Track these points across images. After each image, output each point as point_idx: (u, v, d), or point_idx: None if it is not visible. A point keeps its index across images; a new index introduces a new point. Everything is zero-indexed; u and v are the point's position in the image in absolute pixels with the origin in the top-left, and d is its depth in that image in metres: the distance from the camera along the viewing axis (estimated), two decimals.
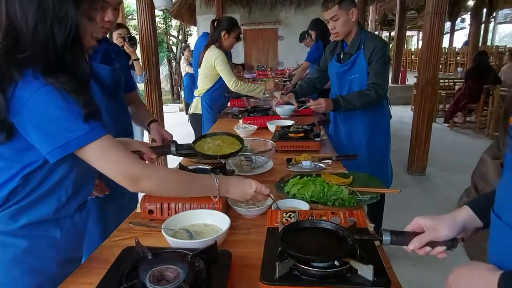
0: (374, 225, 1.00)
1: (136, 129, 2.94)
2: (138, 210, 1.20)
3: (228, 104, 3.54)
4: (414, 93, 7.61)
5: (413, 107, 7.91)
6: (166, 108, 4.80)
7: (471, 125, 6.56)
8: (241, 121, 2.60)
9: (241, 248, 1.04)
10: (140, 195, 1.18)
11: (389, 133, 2.43)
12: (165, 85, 11.18)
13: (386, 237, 0.83)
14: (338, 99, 2.15)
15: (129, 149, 1.01)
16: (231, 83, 2.99)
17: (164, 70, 11.75)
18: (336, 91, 2.37)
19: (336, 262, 0.78)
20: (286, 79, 5.19)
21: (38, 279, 0.93)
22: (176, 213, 1.13)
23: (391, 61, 3.43)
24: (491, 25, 14.57)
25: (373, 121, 2.30)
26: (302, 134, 1.97)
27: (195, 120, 3.33)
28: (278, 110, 2.72)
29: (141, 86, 4.17)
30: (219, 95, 3.24)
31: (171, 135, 1.61)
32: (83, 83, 0.89)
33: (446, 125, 6.69)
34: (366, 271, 0.75)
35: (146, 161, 1.23)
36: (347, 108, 2.17)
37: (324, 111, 2.35)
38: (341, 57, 2.30)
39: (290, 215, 1.04)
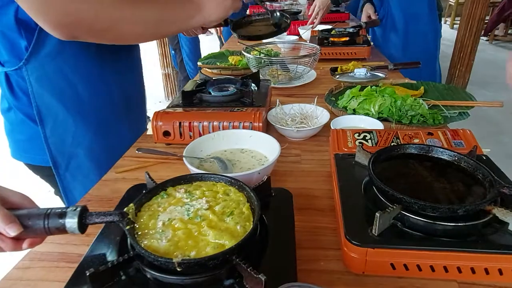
0: (489, 150, 0.69)
1: None
2: (149, 132, 0.91)
3: (248, 12, 3.06)
4: (451, 2, 6.79)
5: (447, 19, 7.13)
6: None
7: None
8: None
9: (292, 182, 0.75)
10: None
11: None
12: None
13: None
14: None
15: None
16: None
17: None
18: None
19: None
20: None
21: None
22: (201, 135, 0.83)
23: None
24: None
25: (434, 18, 1.86)
26: (347, 39, 1.57)
27: None
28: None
29: None
30: None
31: None
32: None
33: (485, 38, 5.99)
34: None
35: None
36: None
37: None
38: None
39: (365, 136, 0.72)
